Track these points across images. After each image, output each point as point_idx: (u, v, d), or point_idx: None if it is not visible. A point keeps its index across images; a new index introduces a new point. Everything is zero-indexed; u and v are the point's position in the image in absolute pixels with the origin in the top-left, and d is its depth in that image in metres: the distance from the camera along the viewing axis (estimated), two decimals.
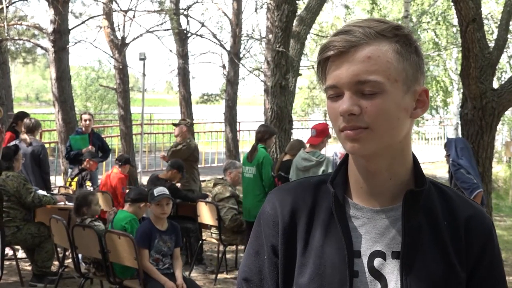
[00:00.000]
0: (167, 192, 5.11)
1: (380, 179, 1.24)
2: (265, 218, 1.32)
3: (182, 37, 13.05)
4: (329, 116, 1.23)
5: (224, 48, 14.15)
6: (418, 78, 1.23)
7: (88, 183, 7.62)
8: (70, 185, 7.93)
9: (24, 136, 7.48)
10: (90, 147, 8.39)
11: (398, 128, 1.20)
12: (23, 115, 8.23)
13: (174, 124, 8.38)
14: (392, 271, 1.22)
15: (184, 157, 7.81)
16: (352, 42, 1.17)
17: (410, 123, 1.24)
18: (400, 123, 1.20)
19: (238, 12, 14.30)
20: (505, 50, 8.78)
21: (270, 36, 12.24)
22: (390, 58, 1.18)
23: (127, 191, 6.31)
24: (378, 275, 1.22)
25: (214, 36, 13.97)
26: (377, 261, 1.22)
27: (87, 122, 8.51)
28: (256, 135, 6.83)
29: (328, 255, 1.23)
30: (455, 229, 1.25)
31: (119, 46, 11.99)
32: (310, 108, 26.83)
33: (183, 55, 13.00)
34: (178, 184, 7.48)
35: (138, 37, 12.63)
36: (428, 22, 14.90)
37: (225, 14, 14.67)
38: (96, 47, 13.02)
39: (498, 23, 6.76)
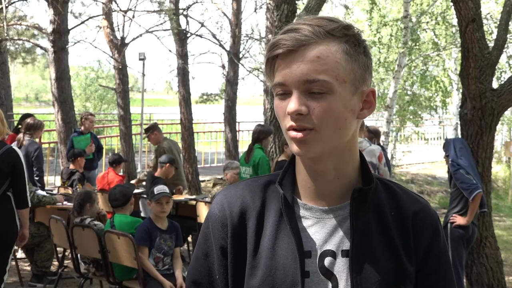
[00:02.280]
0: (167, 190, 5.13)
1: (328, 179, 1.25)
2: (214, 220, 1.31)
3: (181, 37, 13.03)
4: (277, 114, 1.23)
5: (223, 48, 14.14)
6: (366, 79, 1.23)
7: (80, 187, 7.59)
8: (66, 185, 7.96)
9: (19, 136, 7.47)
10: (92, 145, 8.49)
11: (345, 129, 1.21)
12: (27, 116, 8.25)
13: (147, 136, 8.31)
14: (342, 270, 1.22)
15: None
16: (301, 40, 1.17)
17: (357, 124, 1.24)
18: (347, 124, 1.20)
19: (237, 12, 14.28)
20: (504, 50, 8.79)
21: (270, 36, 12.23)
22: (339, 58, 1.18)
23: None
24: (329, 275, 1.22)
25: (214, 36, 13.95)
26: (327, 261, 1.23)
27: (92, 123, 8.74)
28: (252, 135, 6.84)
29: (279, 256, 1.23)
30: (402, 225, 1.26)
31: (118, 46, 11.99)
32: None
33: (182, 55, 12.98)
34: None
35: (137, 37, 12.63)
36: (427, 22, 14.89)
37: (225, 14, 14.66)
38: (95, 47, 13.02)
39: (498, 23, 6.76)
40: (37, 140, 7.65)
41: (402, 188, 1.32)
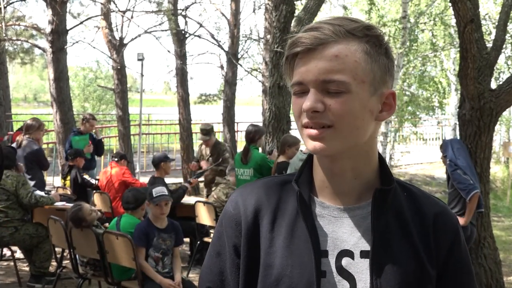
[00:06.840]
0: (166, 192, 5.09)
1: (345, 179, 1.24)
2: (227, 218, 1.30)
3: (180, 37, 13.03)
4: (294, 112, 1.22)
5: (222, 48, 14.14)
6: (386, 80, 1.21)
7: (87, 176, 7.68)
8: (65, 185, 7.95)
9: (19, 136, 7.48)
10: (90, 145, 8.51)
11: (363, 129, 1.19)
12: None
13: (204, 135, 8.25)
14: (361, 271, 1.20)
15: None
16: (320, 39, 1.16)
17: (375, 126, 1.23)
18: (365, 124, 1.19)
19: (236, 13, 14.28)
20: (503, 50, 8.80)
21: (268, 36, 12.24)
22: (358, 58, 1.17)
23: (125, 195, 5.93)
24: (347, 275, 1.21)
25: (212, 36, 13.97)
26: (345, 261, 1.21)
27: (92, 126, 8.76)
28: (246, 136, 6.73)
29: (295, 255, 1.21)
30: (423, 227, 1.24)
31: (117, 46, 11.99)
32: None
33: (181, 56, 12.99)
34: None
35: (136, 37, 12.63)
36: (426, 23, 14.90)
37: (223, 15, 14.67)
38: (94, 47, 13.00)
39: (496, 23, 6.76)
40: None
41: (421, 191, 1.31)
